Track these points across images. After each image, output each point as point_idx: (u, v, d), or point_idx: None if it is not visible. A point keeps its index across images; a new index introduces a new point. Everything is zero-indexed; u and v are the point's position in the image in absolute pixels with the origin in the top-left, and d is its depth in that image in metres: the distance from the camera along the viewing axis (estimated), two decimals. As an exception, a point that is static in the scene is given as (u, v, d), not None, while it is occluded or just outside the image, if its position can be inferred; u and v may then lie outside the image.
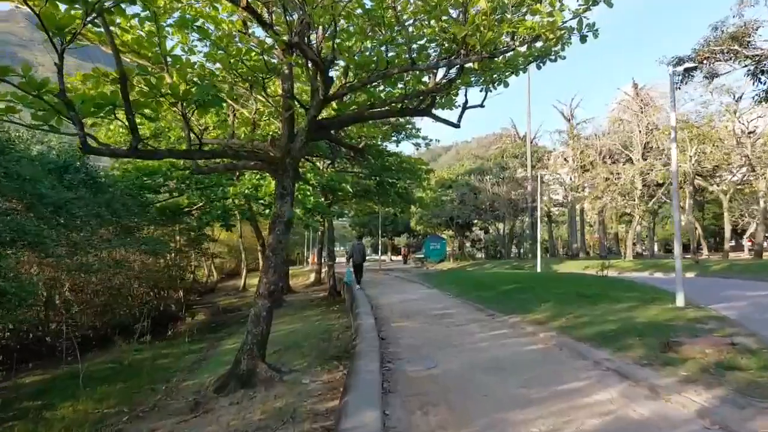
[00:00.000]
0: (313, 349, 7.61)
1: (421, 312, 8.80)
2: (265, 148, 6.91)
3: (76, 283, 10.68)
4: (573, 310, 7.62)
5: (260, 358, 6.15)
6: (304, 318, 12.51)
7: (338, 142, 8.23)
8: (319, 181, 14.48)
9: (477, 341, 5.96)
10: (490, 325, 7.22)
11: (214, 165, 7.14)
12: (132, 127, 4.70)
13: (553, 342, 5.73)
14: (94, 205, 10.29)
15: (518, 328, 6.81)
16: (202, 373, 8.26)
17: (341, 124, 7.52)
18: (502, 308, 8.67)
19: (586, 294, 8.92)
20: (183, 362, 9.38)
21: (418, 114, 7.74)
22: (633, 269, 19.86)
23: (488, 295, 10.50)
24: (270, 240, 6.46)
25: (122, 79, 4.40)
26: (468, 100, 7.25)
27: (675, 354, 4.59)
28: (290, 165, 6.59)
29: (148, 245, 11.28)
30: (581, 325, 6.44)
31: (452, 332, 6.63)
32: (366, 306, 9.21)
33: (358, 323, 7.13)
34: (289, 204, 6.53)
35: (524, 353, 5.23)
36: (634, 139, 28.11)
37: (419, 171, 19.11)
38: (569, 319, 6.97)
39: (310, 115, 6.53)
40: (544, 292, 9.76)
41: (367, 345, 5.27)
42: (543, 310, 7.94)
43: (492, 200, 31.03)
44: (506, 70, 6.89)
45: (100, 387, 7.70)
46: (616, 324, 6.28)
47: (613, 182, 27.06)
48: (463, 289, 12.42)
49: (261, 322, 6.19)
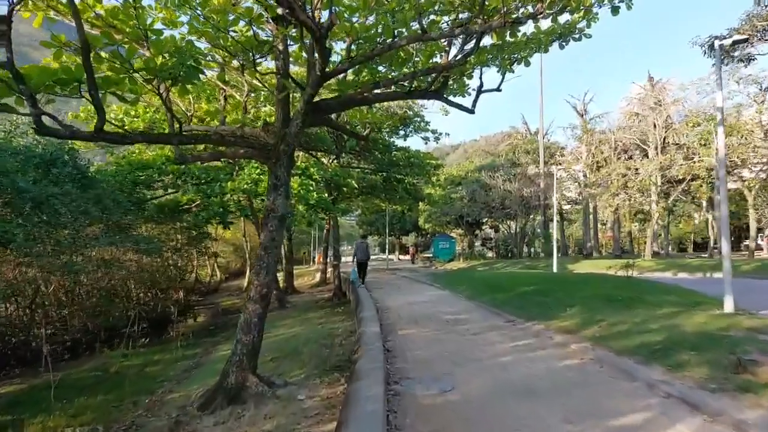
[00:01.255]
0: (313, 357, 6.84)
1: (431, 317, 7.97)
2: (257, 134, 6.11)
3: (64, 285, 10.03)
4: (604, 316, 6.73)
5: (251, 371, 5.38)
6: (307, 321, 11.76)
7: (340, 129, 7.43)
8: (322, 176, 13.71)
9: (498, 354, 5.11)
10: (511, 333, 6.36)
11: (199, 153, 6.39)
12: (96, 106, 3.97)
13: (590, 356, 4.86)
14: (82, 201, 9.62)
15: (544, 338, 5.95)
16: (191, 383, 7.52)
17: (342, 106, 6.71)
18: (523, 313, 7.80)
19: (616, 297, 8.01)
20: (173, 370, 8.66)
21: (428, 97, 6.88)
22: (655, 269, 18.78)
23: (504, 297, 9.62)
24: (262, 237, 5.68)
25: (84, 49, 3.67)
26: (483, 83, 6.41)
27: (751, 376, 3.70)
28: (284, 152, 5.80)
29: (139, 244, 10.60)
30: (619, 335, 5.56)
31: (468, 342, 5.79)
32: (371, 310, 8.40)
33: (361, 331, 6.32)
34: (283, 196, 5.74)
35: (558, 371, 4.37)
36: (650, 133, 26.89)
37: (428, 166, 18.26)
38: (603, 327, 6.09)
39: (306, 95, 5.71)
40: (567, 295, 8.86)
41: (370, 360, 4.46)
42: (569, 316, 7.06)
43: (503, 197, 29.99)
44: (527, 47, 6.05)
45: (79, 399, 7.00)
46: (660, 334, 5.39)
47: (631, 178, 25.89)
48: (476, 291, 11.54)
49: (252, 329, 5.42)
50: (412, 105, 16.89)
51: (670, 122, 27.02)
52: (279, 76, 5.93)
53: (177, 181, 11.84)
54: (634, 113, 30.42)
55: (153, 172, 11.31)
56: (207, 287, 23.97)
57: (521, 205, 30.07)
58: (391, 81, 6.33)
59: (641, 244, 47.82)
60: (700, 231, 42.04)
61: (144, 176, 11.48)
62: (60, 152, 10.23)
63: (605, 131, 31.99)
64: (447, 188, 34.21)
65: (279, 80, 6.02)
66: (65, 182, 9.79)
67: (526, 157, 34.13)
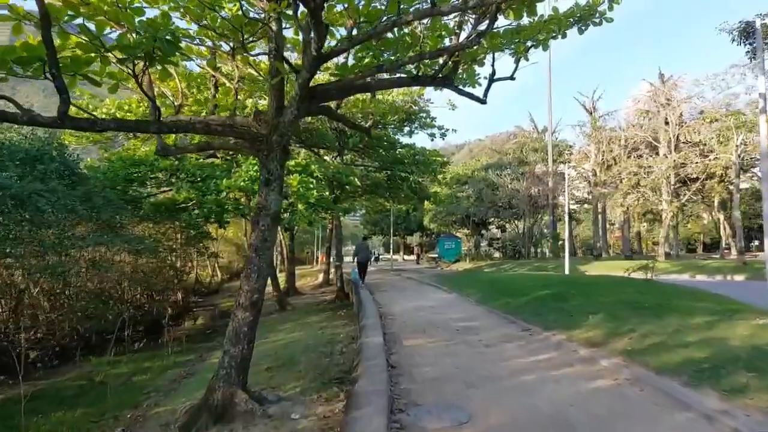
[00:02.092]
0: (311, 368, 6.23)
1: (439, 324, 7.33)
2: (248, 124, 5.49)
3: (51, 287, 9.51)
4: (633, 325, 6.06)
5: (239, 386, 4.77)
6: (307, 325, 11.15)
7: (341, 120, 6.80)
8: (324, 174, 13.10)
9: (518, 371, 4.47)
10: (530, 345, 5.71)
11: (184, 146, 5.80)
12: (59, 87, 3.40)
13: (625, 375, 4.21)
14: (69, 199, 9.08)
15: (567, 351, 5.30)
16: (180, 395, 6.95)
17: (342, 92, 6.08)
18: (539, 321, 7.14)
19: (641, 304, 7.33)
20: (163, 379, 8.09)
21: (436, 84, 6.22)
22: (671, 271, 18.00)
23: (517, 302, 8.96)
24: (253, 238, 5.08)
25: (44, 21, 3.11)
26: (495, 71, 5.79)
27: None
28: (278, 143, 5.18)
29: (131, 244, 10.06)
30: (654, 349, 4.90)
31: (482, 356, 5.15)
32: (373, 317, 7.78)
33: (362, 342, 5.71)
34: (276, 192, 5.12)
35: (591, 395, 3.73)
36: (661, 131, 26.01)
37: (434, 163, 17.60)
38: (633, 338, 5.42)
39: (301, 79, 5.07)
40: (586, 300, 8.19)
41: (371, 381, 3.84)
42: (592, 325, 6.39)
43: (511, 196, 29.24)
44: (545, 30, 5.42)
45: (56, 413, 6.44)
46: (702, 348, 4.73)
47: (643, 177, 25.07)
48: (485, 294, 10.88)
49: (241, 339, 4.81)
50: (418, 100, 16.25)
51: (682, 119, 26.18)
52: (272, 58, 5.32)
53: (171, 179, 11.28)
54: (645, 111, 29.57)
55: (145, 169, 10.76)
56: (208, 288, 23.47)
57: (529, 205, 29.31)
58: (396, 64, 5.70)
59: (649, 244, 46.89)
60: (709, 231, 41.16)
61: (137, 173, 10.94)
62: (47, 147, 9.72)
63: (615, 129, 31.18)
64: (453, 187, 33.51)
65: (272, 64, 5.41)
66: (52, 179, 9.27)
67: (535, 155, 33.36)
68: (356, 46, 5.27)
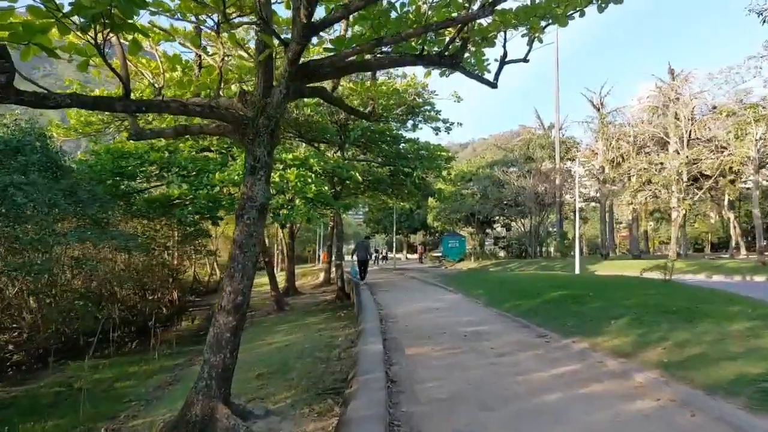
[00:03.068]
0: (305, 375, 5.63)
1: (445, 329, 6.69)
2: (232, 105, 4.85)
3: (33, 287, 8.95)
4: (663, 332, 5.39)
5: (221, 399, 4.17)
6: (305, 326, 10.55)
7: (337, 103, 6.17)
8: (323, 168, 12.47)
9: (539, 388, 3.83)
10: (548, 354, 5.05)
11: (160, 129, 5.19)
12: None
13: (667, 394, 3.55)
14: (51, 193, 8.51)
15: (593, 362, 4.64)
16: (161, 405, 6.36)
17: (338, 70, 5.43)
18: (556, 326, 6.49)
19: (667, 307, 6.65)
20: (146, 386, 7.51)
21: (443, 63, 5.56)
22: (686, 271, 17.23)
23: (529, 304, 8.30)
24: (236, 233, 4.45)
25: None
26: (507, 53, 5.15)
27: None
28: (265, 127, 4.56)
29: (118, 240, 9.49)
30: (696, 362, 4.24)
31: (495, 368, 4.51)
32: (373, 320, 7.15)
33: (360, 350, 5.08)
34: (263, 182, 4.50)
35: (632, 422, 3.07)
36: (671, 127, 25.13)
37: (439, 158, 16.91)
38: (668, 348, 4.76)
39: (290, 52, 4.43)
40: (606, 303, 7.51)
41: (367, 402, 3.20)
42: (617, 331, 5.73)
43: (517, 193, 28.50)
44: (562, 3, 4.75)
45: (26, 425, 5.86)
46: (754, 361, 4.06)
47: (654, 174, 24.23)
48: (494, 296, 10.23)
49: (223, 347, 4.21)
50: (422, 92, 15.56)
51: (694, 115, 25.33)
52: (258, 30, 4.68)
53: (161, 173, 10.69)
54: (654, 107, 28.71)
55: (134, 162, 10.17)
56: (206, 287, 22.90)
57: (536, 202, 28.57)
58: (398, 36, 5.06)
59: (655, 243, 45.92)
60: (716, 231, 40.34)
61: (126, 167, 10.35)
62: (28, 138, 9.15)
63: (624, 124, 30.33)
64: (458, 184, 32.82)
65: (258, 38, 4.77)
66: (33, 171, 8.70)
67: (542, 151, 32.57)
68: (353, 13, 4.62)
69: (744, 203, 34.48)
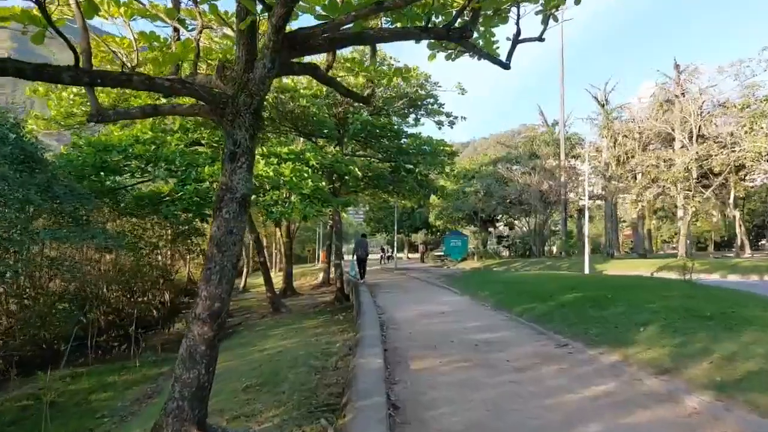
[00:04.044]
0: (297, 389, 4.95)
1: (453, 337, 6.00)
2: (209, 81, 4.14)
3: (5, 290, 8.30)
4: (704, 342, 4.70)
5: (194, 422, 3.48)
6: (301, 330, 9.89)
7: (330, 83, 5.47)
8: (320, 162, 11.79)
9: (575, 418, 3.14)
10: (575, 369, 4.37)
11: (125, 110, 4.50)
12: None
13: (733, 425, 2.87)
14: (23, 188, 7.83)
15: (629, 380, 3.95)
16: (135, 424, 5.71)
17: (330, 42, 4.74)
18: (578, 333, 5.80)
19: (699, 312, 5.95)
20: (123, 399, 6.84)
21: (451, 37, 4.84)
22: (699, 270, 16.49)
23: (543, 308, 7.61)
24: (214, 229, 3.74)
25: None
26: (521, 31, 4.47)
27: None
28: (246, 106, 3.85)
29: (98, 239, 8.83)
30: (755, 381, 3.55)
31: (516, 388, 3.83)
32: (373, 327, 6.46)
33: (356, 365, 4.40)
34: (244, 170, 3.80)
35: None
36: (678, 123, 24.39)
37: (442, 154, 16.23)
38: (716, 362, 4.07)
39: (275, 17, 3.73)
40: (627, 306, 6.81)
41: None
42: (650, 340, 5.04)
43: (521, 191, 27.79)
44: None
45: (-19, 446, 5.21)
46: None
47: (663, 170, 23.51)
48: (502, 298, 9.54)
49: (197, 362, 3.51)
50: (424, 83, 14.88)
51: (702, 110, 24.59)
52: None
53: (147, 167, 10.01)
54: (660, 103, 27.97)
55: (117, 156, 9.49)
56: (202, 287, 22.19)
57: (541, 200, 27.85)
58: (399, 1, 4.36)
59: (659, 242, 45.16)
60: (718, 229, 39.71)
61: (110, 160, 9.67)
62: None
63: (630, 120, 29.60)
64: (460, 182, 32.12)
65: (238, 2, 4.07)
66: (4, 164, 8.03)
67: (546, 148, 31.83)
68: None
69: (748, 201, 33.80)
